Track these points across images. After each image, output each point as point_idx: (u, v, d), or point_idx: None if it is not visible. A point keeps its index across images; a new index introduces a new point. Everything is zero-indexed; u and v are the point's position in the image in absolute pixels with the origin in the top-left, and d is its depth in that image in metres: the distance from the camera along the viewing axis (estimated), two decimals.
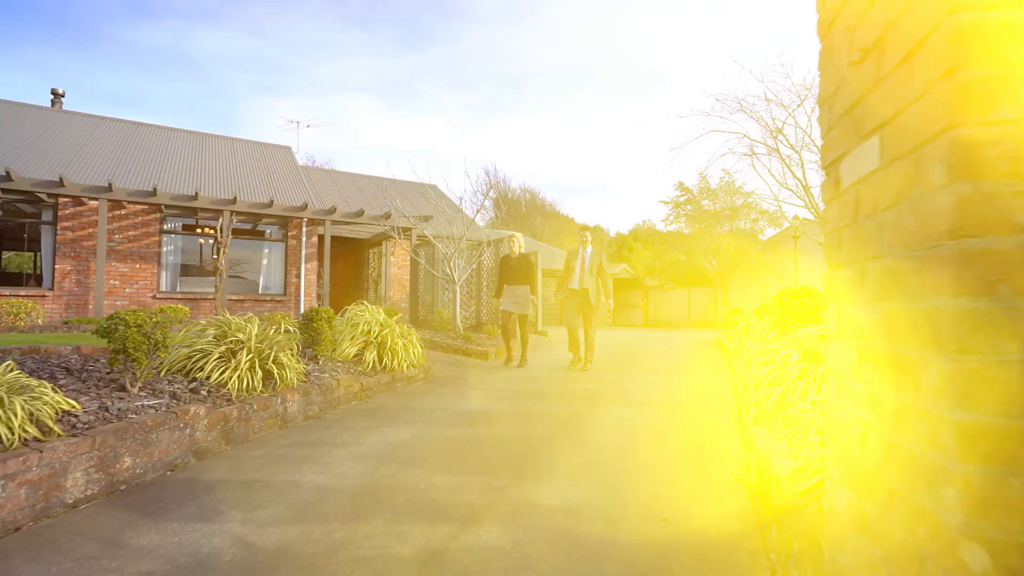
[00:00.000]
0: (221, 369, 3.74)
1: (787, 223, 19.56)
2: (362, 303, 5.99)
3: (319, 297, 12.69)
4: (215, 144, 15.39)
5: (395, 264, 14.97)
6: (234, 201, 10.28)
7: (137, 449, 2.77)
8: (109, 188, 9.17)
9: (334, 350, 5.36)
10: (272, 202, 10.64)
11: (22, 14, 59.70)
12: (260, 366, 3.93)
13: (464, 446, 3.42)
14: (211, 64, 68.83)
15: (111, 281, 10.44)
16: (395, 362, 5.50)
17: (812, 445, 1.61)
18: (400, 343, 5.66)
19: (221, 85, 70.28)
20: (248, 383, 3.77)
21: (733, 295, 22.95)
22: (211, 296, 10.65)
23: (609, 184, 71.26)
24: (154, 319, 3.35)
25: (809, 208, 9.39)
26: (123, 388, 3.28)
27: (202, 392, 3.53)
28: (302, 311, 9.43)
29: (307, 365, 4.79)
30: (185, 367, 3.78)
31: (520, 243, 7.32)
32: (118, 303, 10.39)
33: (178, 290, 11.49)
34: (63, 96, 15.46)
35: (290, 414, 3.96)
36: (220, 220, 10.31)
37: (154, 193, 9.54)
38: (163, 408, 3.12)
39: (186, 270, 11.99)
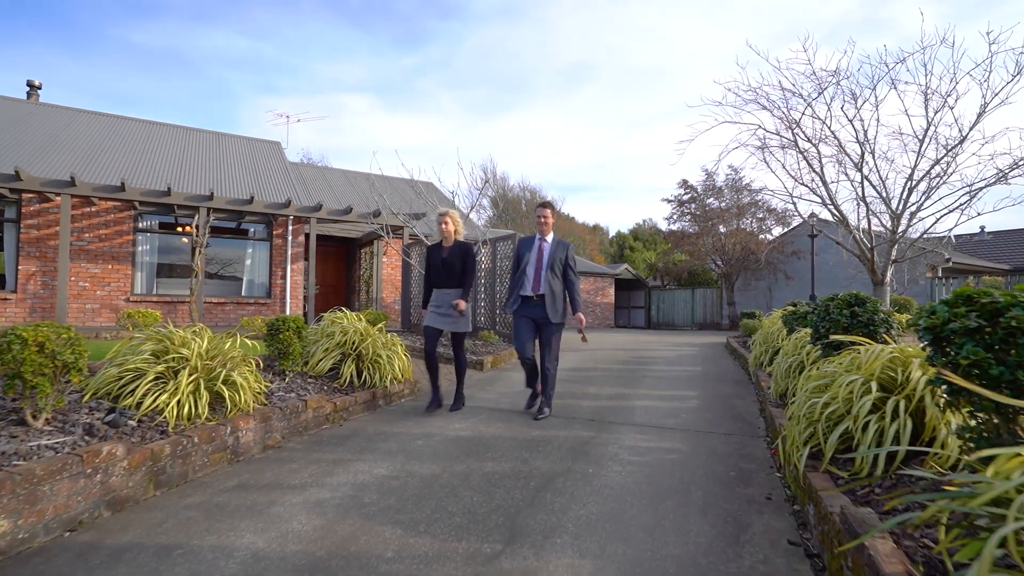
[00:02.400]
0: (156, 393, 3.11)
1: (798, 221, 18.93)
2: (340, 309, 5.34)
3: (305, 300, 12.02)
4: (200, 139, 14.70)
5: (388, 264, 14.30)
6: (211, 197, 9.60)
7: (19, 507, 2.13)
8: (72, 182, 8.47)
9: (305, 364, 4.72)
10: (253, 198, 9.96)
11: (18, 12, 58.76)
12: (207, 388, 3.29)
13: (448, 489, 2.79)
14: (209, 64, 67.78)
15: (80, 283, 9.75)
16: (377, 376, 4.85)
17: (988, 560, 0.99)
18: (384, 354, 5.02)
19: (219, 85, 69.29)
20: (190, 409, 3.14)
21: (739, 296, 22.31)
22: (189, 299, 9.97)
23: (610, 183, 70.53)
24: (65, 335, 2.71)
25: (827, 205, 8.77)
26: (24, 422, 2.65)
27: (128, 423, 2.89)
28: (287, 314, 8.84)
29: (271, 383, 4.15)
30: (111, 391, 3.14)
31: (457, 224, 4.77)
32: (88, 307, 9.71)
33: (155, 292, 10.80)
34: (39, 88, 14.75)
35: (243, 445, 3.33)
36: (196, 217, 9.64)
37: (123, 188, 8.84)
38: (67, 448, 2.48)
39: (164, 271, 11.26)
